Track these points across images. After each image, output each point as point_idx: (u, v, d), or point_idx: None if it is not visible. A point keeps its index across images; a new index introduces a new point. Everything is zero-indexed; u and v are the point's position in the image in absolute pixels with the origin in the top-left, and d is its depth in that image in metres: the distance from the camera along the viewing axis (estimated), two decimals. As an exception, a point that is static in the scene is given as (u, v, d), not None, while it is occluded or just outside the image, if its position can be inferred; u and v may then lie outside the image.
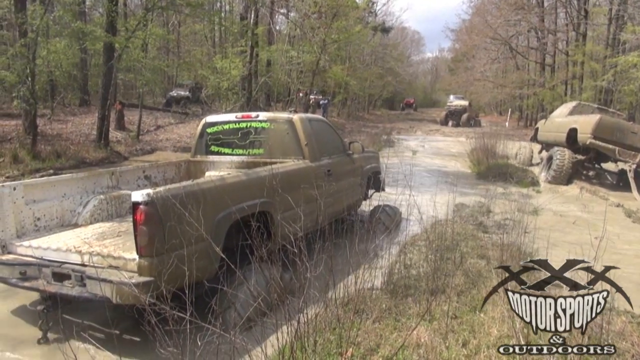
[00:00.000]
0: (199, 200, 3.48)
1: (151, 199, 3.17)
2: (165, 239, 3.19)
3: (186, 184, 3.73)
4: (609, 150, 11.04)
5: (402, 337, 3.31)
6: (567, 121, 12.76)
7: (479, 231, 6.81)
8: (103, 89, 14.90)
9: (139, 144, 16.50)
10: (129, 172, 5.65)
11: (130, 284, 3.01)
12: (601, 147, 11.10)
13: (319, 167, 5.52)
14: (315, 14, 21.54)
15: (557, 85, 30.72)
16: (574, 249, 3.66)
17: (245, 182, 4.25)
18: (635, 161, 10.69)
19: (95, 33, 15.03)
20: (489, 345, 3.26)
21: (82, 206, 4.84)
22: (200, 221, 3.04)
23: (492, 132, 17.75)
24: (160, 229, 3.18)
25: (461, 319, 3.73)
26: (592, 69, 26.67)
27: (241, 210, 3.86)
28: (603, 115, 11.85)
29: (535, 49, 35.81)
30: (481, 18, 36.46)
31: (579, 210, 9.01)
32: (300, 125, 5.54)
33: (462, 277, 4.54)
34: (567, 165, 11.68)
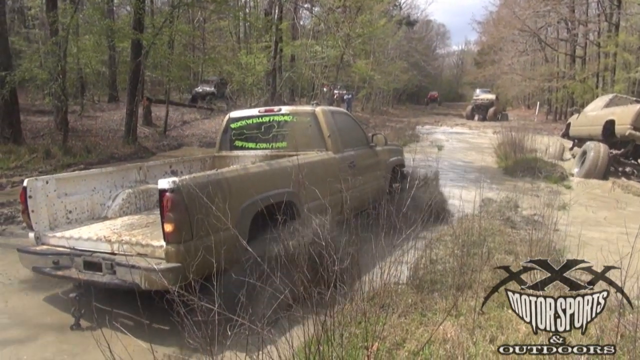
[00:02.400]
0: (223, 189, 3.53)
1: (177, 186, 3.25)
2: (191, 226, 3.26)
3: (211, 172, 3.80)
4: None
5: (428, 332, 3.28)
6: (603, 114, 12.14)
7: (507, 227, 6.69)
8: (131, 86, 15.18)
9: (165, 140, 16.78)
10: (157, 167, 5.76)
11: (158, 269, 3.09)
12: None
13: (343, 158, 5.52)
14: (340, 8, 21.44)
15: (587, 78, 29.87)
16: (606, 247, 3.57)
17: (269, 172, 4.29)
18: None
19: (123, 30, 15.33)
20: (517, 341, 3.21)
21: (112, 200, 4.97)
22: (225, 209, 3.08)
23: (520, 126, 17.40)
24: (186, 216, 3.26)
25: (488, 315, 3.68)
26: (625, 60, 25.84)
27: (266, 200, 3.90)
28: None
29: (565, 41, 34.86)
30: (509, 9, 35.65)
31: (611, 206, 8.76)
32: (323, 117, 5.55)
33: (489, 273, 4.47)
34: (603, 159, 10.98)
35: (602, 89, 26.34)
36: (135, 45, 15.25)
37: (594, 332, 2.99)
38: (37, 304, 4.28)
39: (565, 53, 34.98)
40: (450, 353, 3.07)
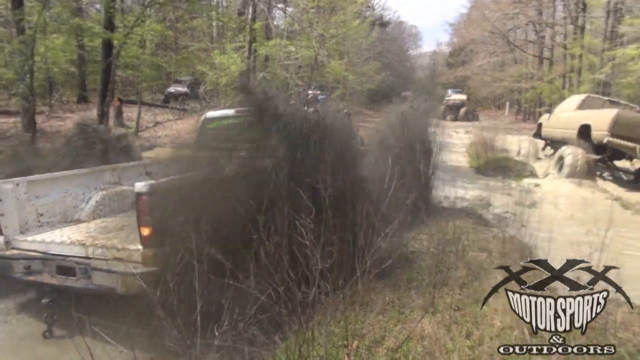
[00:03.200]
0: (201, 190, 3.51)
1: (154, 189, 3.21)
2: (168, 229, 3.22)
3: (188, 175, 3.76)
4: (629, 149, 10.06)
5: (406, 329, 3.35)
6: (577, 117, 11.80)
7: (480, 225, 6.84)
8: (102, 86, 14.86)
9: (138, 141, 16.46)
10: (131, 169, 5.67)
11: (135, 274, 3.04)
12: (620, 146, 10.13)
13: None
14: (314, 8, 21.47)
15: (555, 79, 30.72)
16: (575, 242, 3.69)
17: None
18: None
19: (93, 29, 15.01)
20: (492, 336, 3.30)
21: (85, 202, 4.87)
22: (203, 212, 3.06)
23: (491, 126, 17.76)
24: (163, 218, 3.20)
25: (464, 311, 3.77)
26: (590, 62, 26.66)
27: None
28: (620, 110, 10.82)
29: (533, 43, 35.80)
30: (479, 12, 36.41)
31: (579, 205, 9.04)
32: None
33: (464, 270, 4.58)
34: (581, 165, 10.61)
35: (568, 90, 27.10)
36: (106, 44, 14.94)
37: (594, 332, 3.01)
38: (10, 310, 4.17)
39: (534, 55, 35.88)
40: (428, 349, 3.13)
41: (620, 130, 10.06)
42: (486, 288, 4.20)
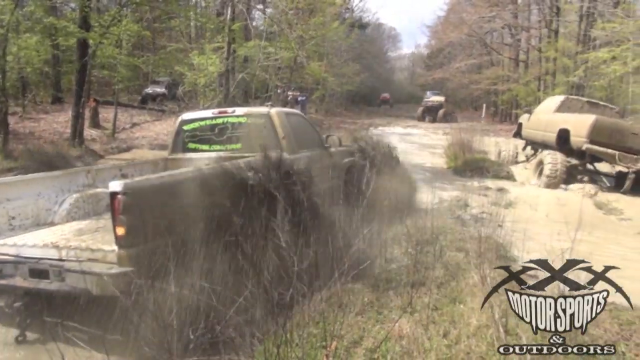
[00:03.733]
0: (176, 191, 3.48)
1: (129, 188, 3.17)
2: (144, 229, 3.19)
3: (164, 174, 3.73)
4: (608, 156, 9.94)
5: (384, 329, 3.36)
6: (556, 119, 11.65)
7: (457, 225, 6.93)
8: (77, 86, 14.58)
9: (114, 142, 16.21)
10: (106, 171, 5.58)
11: (110, 274, 3.00)
12: (599, 153, 10.01)
13: (297, 160, 5.54)
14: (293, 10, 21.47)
15: (530, 81, 31.34)
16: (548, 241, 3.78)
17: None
18: (637, 166, 9.57)
19: (68, 29, 14.71)
20: (469, 335, 3.35)
21: (58, 205, 4.77)
22: (178, 212, 3.04)
23: (468, 128, 17.98)
24: (138, 218, 3.17)
25: (441, 310, 3.81)
26: (564, 65, 27.26)
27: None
28: (599, 115, 10.62)
29: (510, 46, 36.48)
30: (456, 14, 36.94)
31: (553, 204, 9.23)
32: (278, 118, 5.57)
33: (441, 270, 4.63)
34: (561, 171, 10.50)
35: (544, 92, 27.66)
36: (81, 44, 14.68)
37: (594, 332, 3.06)
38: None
39: (510, 57, 36.56)
40: (406, 349, 3.16)
41: (599, 137, 9.94)
42: (463, 287, 4.27)
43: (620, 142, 9.94)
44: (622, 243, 6.60)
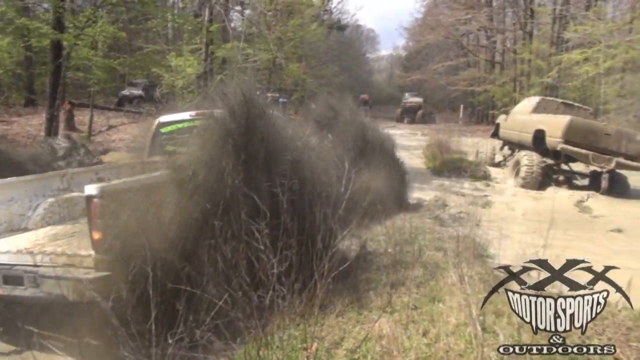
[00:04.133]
0: (154, 194, 3.44)
1: (105, 191, 3.12)
2: (121, 232, 3.14)
3: (141, 177, 3.69)
4: (582, 156, 10.18)
5: (365, 329, 3.38)
6: (532, 120, 11.93)
7: (436, 224, 7.01)
8: (51, 89, 14.28)
9: (90, 145, 15.93)
10: (81, 174, 5.47)
11: (87, 280, 2.96)
12: (573, 153, 10.25)
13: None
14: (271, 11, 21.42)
15: (506, 82, 31.89)
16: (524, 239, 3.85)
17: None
18: (610, 166, 9.90)
19: (41, 30, 14.40)
20: (448, 333, 3.39)
21: (32, 210, 4.67)
22: (156, 214, 3.01)
23: (446, 128, 18.22)
24: (115, 222, 3.13)
25: (421, 310, 3.85)
26: (538, 67, 27.83)
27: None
28: (573, 116, 10.86)
29: (485, 47, 37.05)
30: (433, 17, 37.38)
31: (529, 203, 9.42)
32: None
33: (421, 269, 4.68)
34: (537, 170, 10.76)
35: (519, 93, 28.18)
36: (55, 46, 14.37)
37: (594, 332, 3.08)
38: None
39: (485, 59, 37.15)
40: (386, 349, 3.18)
41: (573, 137, 10.15)
42: (442, 286, 4.33)
43: (594, 142, 10.18)
44: (595, 240, 6.77)
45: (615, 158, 9.94)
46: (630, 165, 10.13)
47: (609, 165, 9.91)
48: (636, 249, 6.38)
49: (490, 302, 3.83)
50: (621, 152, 10.16)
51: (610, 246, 6.37)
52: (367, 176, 6.07)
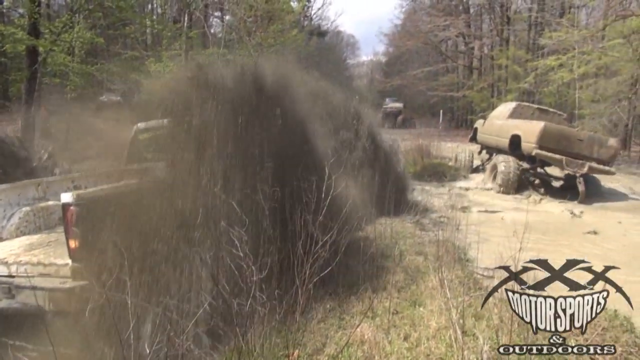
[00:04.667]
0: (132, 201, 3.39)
1: (82, 199, 3.07)
2: (98, 240, 3.09)
3: (118, 184, 3.64)
4: (556, 161, 10.52)
5: (346, 335, 3.39)
6: (508, 125, 12.22)
7: (416, 229, 7.06)
8: (26, 95, 14.01)
9: (66, 153, 15.64)
10: (57, 183, 5.36)
11: (64, 289, 2.90)
12: (548, 158, 10.58)
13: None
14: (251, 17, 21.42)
15: (484, 88, 32.39)
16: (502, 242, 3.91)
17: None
18: (583, 171, 10.22)
19: (16, 35, 14.15)
20: (429, 337, 3.42)
21: (6, 219, 4.56)
22: (134, 222, 2.98)
23: (426, 133, 18.41)
24: (92, 230, 3.08)
25: (402, 314, 3.88)
26: (515, 72, 28.33)
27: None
28: (548, 122, 11.07)
29: (464, 53, 37.59)
30: (412, 23, 37.81)
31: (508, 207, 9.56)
32: None
33: (402, 274, 4.71)
34: (514, 174, 11.00)
35: (497, 98, 28.64)
36: (30, 51, 14.12)
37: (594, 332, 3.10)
38: None
39: (464, 65, 37.68)
40: (368, 353, 3.19)
41: (548, 143, 10.42)
42: (423, 290, 4.36)
43: (567, 147, 10.47)
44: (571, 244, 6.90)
45: (587, 163, 10.25)
46: (602, 169, 10.48)
47: (581, 169, 10.20)
48: (608, 250, 6.54)
49: (470, 305, 3.90)
50: (593, 157, 10.50)
51: (582, 249, 6.50)
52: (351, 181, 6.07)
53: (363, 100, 33.48)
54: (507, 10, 30.79)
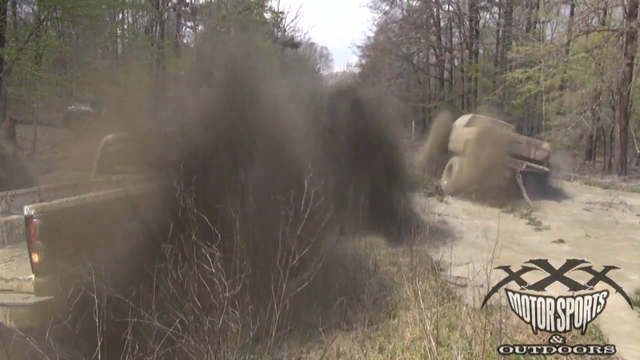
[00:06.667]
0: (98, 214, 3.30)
1: (45, 211, 2.97)
2: (63, 254, 2.99)
3: (85, 196, 3.54)
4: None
5: (322, 348, 3.35)
6: (463, 132, 13.93)
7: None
8: (-10, 105, 13.62)
9: (33, 164, 15.18)
10: (22, 196, 5.18)
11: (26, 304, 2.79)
12: None
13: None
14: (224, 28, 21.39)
15: (455, 99, 33.04)
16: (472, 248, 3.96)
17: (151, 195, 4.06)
18: (521, 168, 11.89)
19: (-21, 43, 13.76)
20: (404, 348, 3.41)
21: (-32, 234, 4.38)
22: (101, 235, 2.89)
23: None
24: (56, 243, 2.97)
25: (377, 326, 3.87)
26: (484, 84, 29.03)
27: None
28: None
29: (435, 65, 38.31)
30: (385, 35, 38.37)
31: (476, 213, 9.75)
32: None
33: (376, 285, 4.71)
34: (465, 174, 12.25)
35: (467, 109, 29.21)
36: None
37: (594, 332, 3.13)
38: None
39: (435, 77, 38.35)
40: (344, 367, 3.17)
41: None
42: (397, 301, 4.37)
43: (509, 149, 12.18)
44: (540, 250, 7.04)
45: (525, 162, 12.05)
46: (538, 168, 12.27)
47: (520, 167, 11.96)
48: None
49: (444, 316, 3.92)
50: (530, 157, 12.31)
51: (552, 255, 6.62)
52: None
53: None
54: (476, 24, 31.59)
